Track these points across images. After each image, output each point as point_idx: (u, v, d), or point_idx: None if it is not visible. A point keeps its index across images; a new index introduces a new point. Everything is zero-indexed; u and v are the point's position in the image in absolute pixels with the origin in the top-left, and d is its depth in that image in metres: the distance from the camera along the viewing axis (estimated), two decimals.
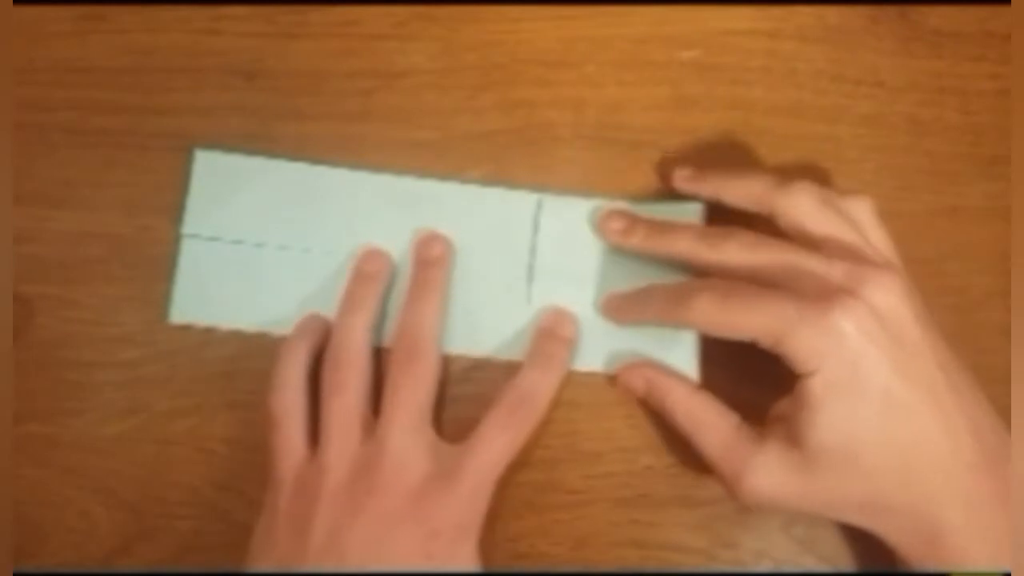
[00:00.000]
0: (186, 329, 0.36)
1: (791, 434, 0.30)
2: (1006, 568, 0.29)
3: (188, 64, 0.38)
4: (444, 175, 0.37)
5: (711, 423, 0.32)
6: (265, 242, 0.36)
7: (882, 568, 0.32)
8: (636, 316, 0.35)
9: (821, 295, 0.30)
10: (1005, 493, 0.30)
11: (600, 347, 0.35)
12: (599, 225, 0.36)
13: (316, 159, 0.37)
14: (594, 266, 0.36)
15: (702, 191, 0.35)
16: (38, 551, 0.35)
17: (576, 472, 0.35)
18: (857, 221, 0.32)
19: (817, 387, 0.29)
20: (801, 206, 0.32)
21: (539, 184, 0.37)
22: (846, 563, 0.35)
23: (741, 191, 0.33)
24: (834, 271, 0.30)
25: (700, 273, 0.34)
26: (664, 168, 0.37)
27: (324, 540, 0.31)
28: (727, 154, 0.37)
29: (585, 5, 0.38)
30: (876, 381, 0.29)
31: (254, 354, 0.36)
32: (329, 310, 0.35)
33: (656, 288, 0.34)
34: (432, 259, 0.36)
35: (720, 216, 0.36)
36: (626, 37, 0.38)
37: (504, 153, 0.37)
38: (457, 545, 0.32)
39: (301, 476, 0.32)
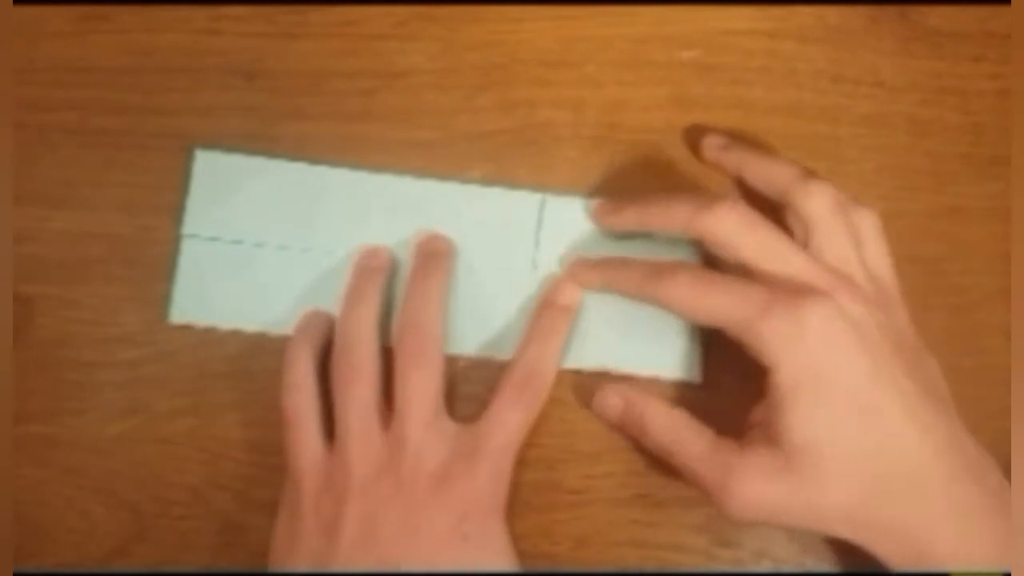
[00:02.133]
0: (186, 329, 0.36)
1: (768, 435, 0.30)
2: (1006, 568, 0.29)
3: (188, 64, 0.38)
4: (444, 175, 0.37)
5: (689, 438, 0.32)
6: (265, 242, 0.36)
7: (880, 569, 0.32)
8: (608, 284, 0.35)
9: (794, 290, 0.30)
10: (991, 504, 0.29)
11: (600, 345, 0.35)
12: (593, 216, 0.36)
13: (316, 159, 0.37)
14: None
15: (726, 163, 0.35)
16: (38, 551, 0.35)
17: (576, 472, 0.35)
18: (859, 232, 0.33)
19: (783, 383, 0.29)
20: (814, 207, 0.32)
21: (539, 184, 0.37)
22: (846, 563, 0.35)
23: (763, 176, 0.33)
24: (813, 271, 0.31)
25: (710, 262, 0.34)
26: (664, 168, 0.37)
27: (356, 534, 0.31)
28: None
29: (585, 5, 0.38)
30: (842, 379, 0.29)
31: (254, 354, 0.36)
32: (330, 310, 0.35)
33: (634, 262, 0.34)
34: (435, 252, 0.36)
35: None
36: (626, 37, 0.38)
37: (504, 153, 0.37)
38: (488, 522, 0.32)
39: (323, 474, 0.32)
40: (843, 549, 0.35)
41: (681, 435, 0.32)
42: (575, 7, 0.38)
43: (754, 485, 0.30)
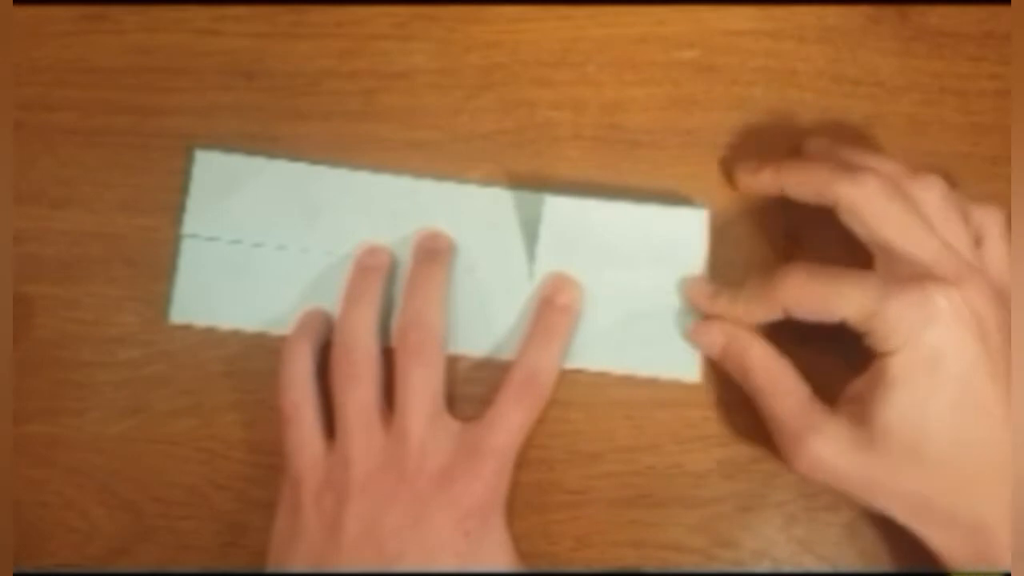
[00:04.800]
0: (186, 329, 0.36)
1: (861, 412, 0.30)
2: (1006, 568, 0.29)
3: (188, 64, 0.38)
4: (444, 175, 0.37)
5: (786, 386, 0.32)
6: (264, 242, 0.36)
7: (880, 569, 0.32)
8: (726, 313, 0.34)
9: (918, 277, 0.30)
10: None
11: (600, 345, 0.35)
12: (736, 177, 0.36)
13: (316, 159, 0.37)
14: (595, 266, 0.36)
15: (764, 185, 0.34)
16: (38, 551, 0.35)
17: (575, 472, 0.35)
18: (980, 229, 0.32)
19: (896, 366, 0.29)
20: (931, 200, 0.32)
21: (539, 184, 0.37)
22: (846, 563, 0.35)
23: (800, 181, 0.33)
24: (941, 259, 0.30)
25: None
26: (664, 168, 0.37)
27: (359, 531, 0.31)
28: (727, 154, 0.37)
29: (585, 5, 0.38)
30: (958, 369, 0.29)
31: (254, 354, 0.36)
32: (329, 310, 0.35)
33: (738, 289, 0.33)
34: (435, 250, 0.36)
35: (717, 227, 0.36)
36: (626, 37, 0.38)
37: (504, 153, 0.37)
38: (489, 519, 0.33)
39: (324, 471, 0.32)
40: (842, 549, 0.35)
41: (779, 382, 0.32)
42: (575, 7, 0.38)
43: (829, 450, 0.30)
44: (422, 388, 0.33)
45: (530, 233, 0.36)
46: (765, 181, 0.34)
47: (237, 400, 0.36)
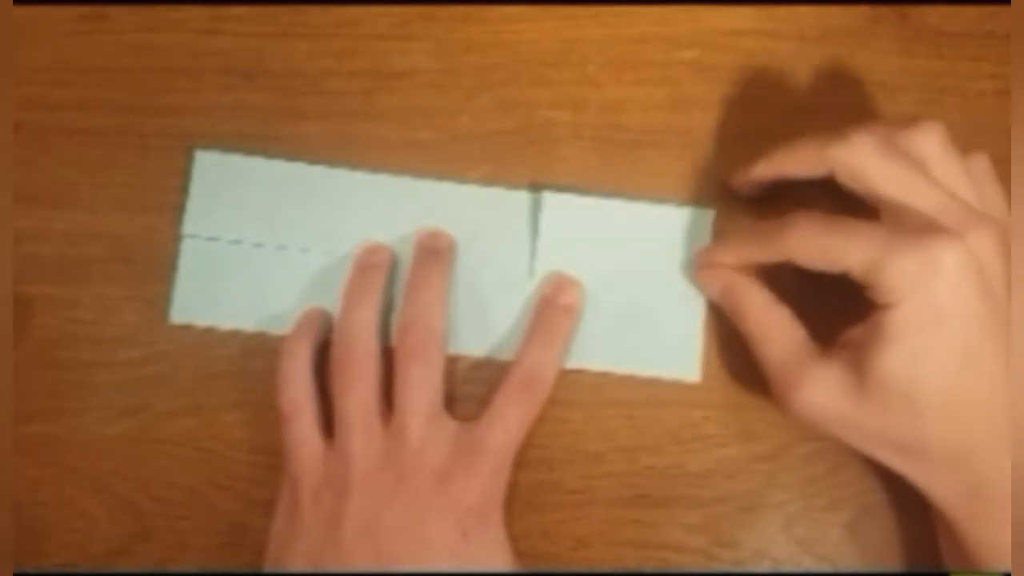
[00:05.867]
0: (186, 329, 0.36)
1: (856, 360, 0.30)
2: (1006, 568, 0.29)
3: (188, 64, 0.38)
4: (444, 175, 0.37)
5: (780, 332, 0.32)
6: (265, 242, 0.36)
7: (880, 569, 0.32)
8: (728, 258, 0.34)
9: (925, 229, 0.29)
10: None
11: (600, 345, 0.36)
12: (733, 182, 0.36)
13: (316, 159, 0.37)
14: (594, 264, 0.36)
15: (759, 177, 0.34)
16: (38, 551, 0.35)
17: (575, 472, 0.35)
18: (975, 175, 0.32)
19: (897, 319, 0.29)
20: (929, 148, 0.31)
21: (539, 184, 0.37)
22: (846, 563, 0.35)
23: (797, 159, 0.33)
24: (946, 209, 0.30)
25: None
26: (663, 168, 0.37)
27: (358, 530, 0.31)
28: (727, 154, 0.37)
29: (585, 5, 0.38)
30: (959, 325, 0.29)
31: (254, 354, 0.36)
32: (329, 309, 0.36)
33: (746, 227, 0.34)
34: (435, 249, 0.36)
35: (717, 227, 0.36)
36: (626, 37, 0.38)
37: (504, 153, 0.37)
38: (487, 519, 0.33)
39: (322, 469, 0.32)
40: (842, 549, 0.35)
41: (774, 329, 0.32)
42: (575, 7, 0.38)
43: (820, 395, 0.30)
44: (421, 386, 0.33)
45: (530, 233, 0.36)
46: (762, 171, 0.34)
47: (237, 400, 0.36)
